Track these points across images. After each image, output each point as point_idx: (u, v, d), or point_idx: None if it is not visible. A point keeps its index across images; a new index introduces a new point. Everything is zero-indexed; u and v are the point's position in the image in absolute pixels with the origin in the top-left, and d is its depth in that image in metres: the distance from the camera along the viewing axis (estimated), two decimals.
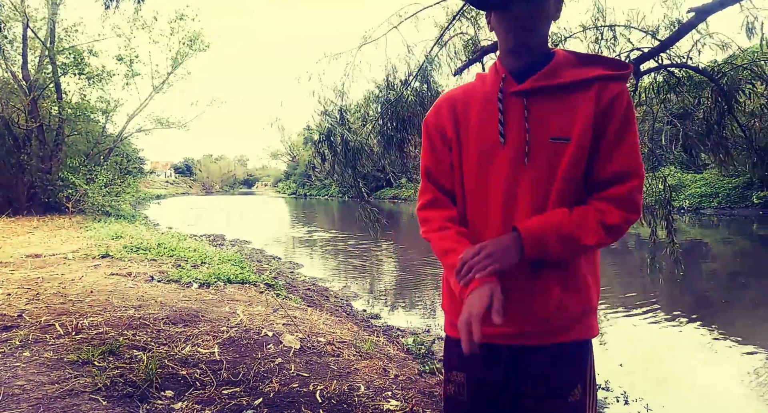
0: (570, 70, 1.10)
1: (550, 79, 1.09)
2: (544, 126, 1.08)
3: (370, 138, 5.19)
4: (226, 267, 6.81)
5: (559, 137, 1.07)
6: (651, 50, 3.64)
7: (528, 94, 1.10)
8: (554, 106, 1.09)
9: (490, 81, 1.16)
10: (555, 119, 1.08)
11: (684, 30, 3.52)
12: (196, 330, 3.61)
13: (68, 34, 14.83)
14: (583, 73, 1.09)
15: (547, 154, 1.08)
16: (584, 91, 1.08)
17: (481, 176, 1.14)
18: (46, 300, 4.21)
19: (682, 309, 6.48)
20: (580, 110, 1.07)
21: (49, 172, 14.54)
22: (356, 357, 3.40)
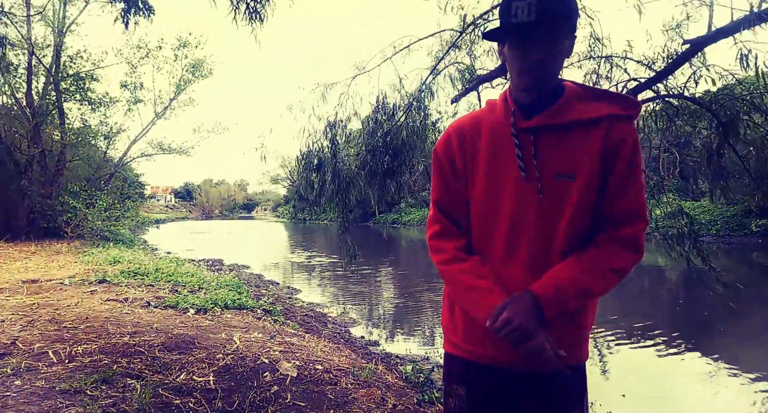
0: (579, 106, 1.11)
1: (558, 116, 1.10)
2: (550, 163, 1.10)
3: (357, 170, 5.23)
4: (224, 292, 6.76)
5: (563, 174, 1.09)
6: (647, 80, 3.72)
7: (536, 131, 1.11)
8: (561, 144, 1.10)
9: (500, 113, 1.18)
10: (560, 157, 1.10)
11: (679, 61, 3.60)
12: (191, 357, 3.56)
13: (73, 60, 15.13)
14: (591, 111, 1.10)
15: (553, 191, 1.09)
16: (592, 128, 1.09)
17: (488, 208, 1.16)
18: (41, 327, 4.16)
19: (683, 337, 6.40)
20: (587, 149, 1.08)
21: (50, 197, 14.57)
22: (354, 386, 3.34)
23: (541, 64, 1.06)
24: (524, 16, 1.02)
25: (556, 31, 1.05)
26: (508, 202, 1.13)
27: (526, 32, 1.03)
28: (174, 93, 17.92)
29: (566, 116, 1.10)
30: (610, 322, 7.15)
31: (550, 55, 1.06)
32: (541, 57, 1.05)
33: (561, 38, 1.07)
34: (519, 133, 1.12)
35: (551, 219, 1.10)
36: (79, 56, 15.01)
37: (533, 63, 1.06)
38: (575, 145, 1.09)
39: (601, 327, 6.90)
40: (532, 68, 1.07)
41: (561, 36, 1.06)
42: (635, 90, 3.76)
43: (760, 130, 4.56)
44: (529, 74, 1.08)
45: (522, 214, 1.12)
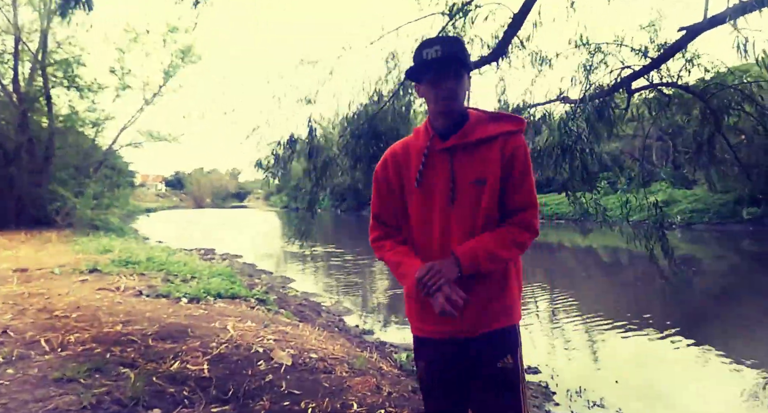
0: (480, 127, 1.45)
1: (466, 137, 1.43)
2: (465, 173, 1.43)
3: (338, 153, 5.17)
4: (217, 281, 6.72)
5: (476, 180, 1.42)
6: (642, 68, 3.70)
7: (451, 150, 1.44)
8: (471, 157, 1.44)
9: (422, 138, 1.50)
10: (472, 167, 1.43)
11: (674, 48, 3.58)
12: (185, 346, 3.54)
13: (60, 46, 14.83)
14: (490, 130, 1.44)
15: (470, 194, 1.43)
16: (492, 144, 1.43)
17: (423, 213, 1.49)
18: (32, 316, 4.12)
19: (675, 324, 6.49)
20: (490, 159, 1.42)
21: (39, 185, 14.38)
22: (349, 374, 3.35)
23: (450, 91, 1.40)
24: (434, 55, 1.37)
25: (458, 65, 1.39)
26: (437, 208, 1.45)
27: (437, 66, 1.38)
28: (163, 79, 17.65)
29: (473, 136, 1.43)
30: (603, 311, 7.23)
31: (457, 84, 1.40)
32: (451, 85, 1.39)
33: (462, 72, 1.41)
34: (437, 153, 1.45)
35: (469, 216, 1.43)
36: (67, 41, 14.73)
37: (445, 90, 1.39)
38: (482, 157, 1.43)
39: (594, 314, 6.97)
40: (445, 95, 1.40)
41: (462, 70, 1.41)
42: (629, 78, 3.74)
43: (751, 120, 4.58)
44: (444, 100, 1.40)
45: (446, 216, 1.45)
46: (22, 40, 13.93)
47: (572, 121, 3.65)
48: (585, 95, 3.59)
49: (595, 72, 3.86)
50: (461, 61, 1.41)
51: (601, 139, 4.57)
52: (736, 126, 4.63)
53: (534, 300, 8.24)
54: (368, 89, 5.29)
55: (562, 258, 14.19)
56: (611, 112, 3.79)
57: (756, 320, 6.84)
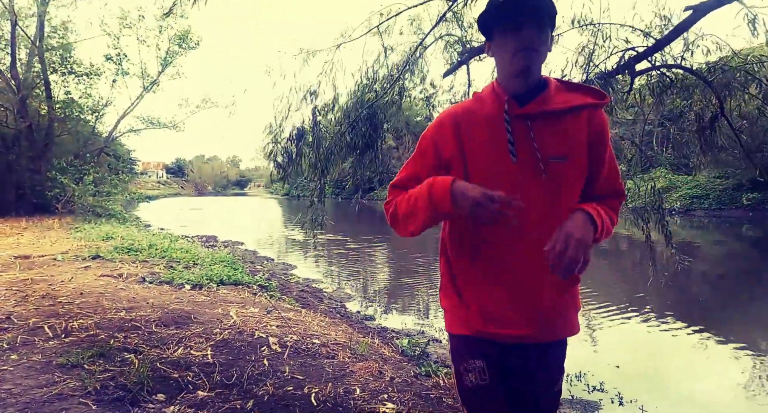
0: (563, 95, 1.23)
1: (549, 104, 1.20)
2: (546, 147, 1.19)
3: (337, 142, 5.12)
4: (219, 268, 6.75)
5: (557, 157, 1.19)
6: (646, 49, 3.64)
7: (530, 117, 1.20)
8: (551, 129, 1.20)
9: (491, 103, 1.24)
10: (553, 141, 1.20)
11: (681, 28, 3.52)
12: (188, 332, 3.56)
13: (57, 31, 14.64)
14: (575, 100, 1.22)
15: (550, 172, 1.19)
16: (576, 115, 1.21)
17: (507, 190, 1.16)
18: (35, 302, 4.13)
19: (674, 310, 6.52)
20: (575, 133, 1.21)
21: (38, 172, 14.34)
22: (351, 359, 3.37)
23: (532, 43, 1.15)
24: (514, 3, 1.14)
25: (543, 14, 1.16)
26: (513, 186, 1.17)
27: (517, 12, 1.14)
28: (161, 65, 17.48)
29: (555, 104, 1.20)
30: (602, 296, 7.25)
31: (539, 35, 1.15)
32: (532, 35, 1.14)
33: (546, 22, 1.17)
34: (513, 120, 1.20)
35: (553, 199, 1.20)
36: (64, 26, 14.55)
37: (526, 41, 1.14)
38: (565, 130, 1.20)
39: (594, 299, 7.00)
40: (524, 45, 1.15)
41: (546, 20, 1.17)
42: (633, 60, 3.68)
43: (755, 102, 4.53)
44: (523, 55, 1.16)
45: (526, 193, 1.16)
46: (18, 25, 13.76)
47: None
48: (587, 77, 3.54)
49: (597, 54, 3.80)
50: (549, 8, 1.16)
51: None
52: (739, 109, 4.58)
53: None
54: (366, 78, 5.23)
55: None
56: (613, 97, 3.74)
57: (755, 306, 6.86)
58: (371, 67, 5.11)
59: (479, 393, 1.23)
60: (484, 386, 1.22)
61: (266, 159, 5.78)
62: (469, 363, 1.25)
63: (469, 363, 1.25)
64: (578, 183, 1.23)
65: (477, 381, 1.23)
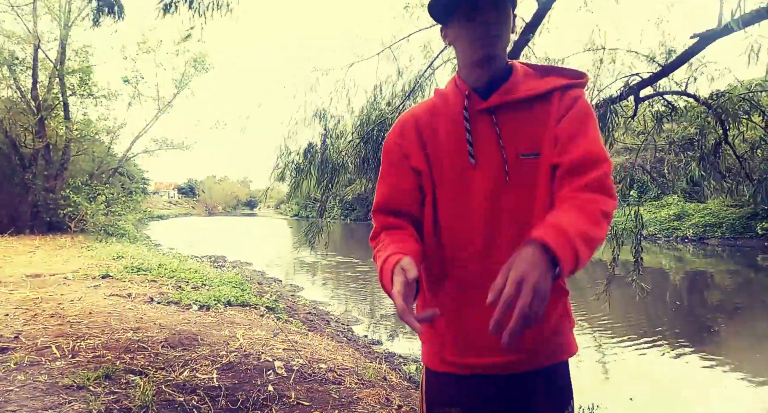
0: (531, 81, 1.07)
1: (513, 93, 1.04)
2: (514, 142, 1.03)
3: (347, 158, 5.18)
4: (227, 289, 6.74)
5: (528, 153, 1.02)
6: (652, 76, 3.67)
7: (495, 110, 1.05)
8: (520, 121, 1.04)
9: (453, 99, 1.09)
10: (522, 135, 1.03)
11: (686, 56, 3.55)
12: (194, 354, 3.53)
13: (78, 54, 15.11)
14: (543, 85, 1.05)
15: (522, 171, 1.02)
16: (545, 102, 1.04)
17: (457, 199, 1.06)
18: (44, 322, 4.14)
19: (688, 340, 6.36)
20: (546, 122, 1.03)
21: (53, 191, 14.59)
22: (358, 386, 3.31)
23: (489, 29, 1.01)
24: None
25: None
26: (479, 190, 1.04)
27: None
28: (176, 88, 17.91)
29: (520, 92, 1.04)
30: (611, 325, 7.10)
31: (499, 20, 1.01)
32: (490, 20, 1.00)
33: (505, 6, 1.03)
34: (476, 115, 1.05)
35: (524, 202, 1.02)
36: (84, 50, 15.01)
37: (482, 27, 1.01)
38: (533, 120, 1.03)
39: (606, 328, 6.86)
40: (484, 36, 1.01)
41: (504, 3, 1.03)
42: (638, 85, 3.71)
43: (758, 130, 4.54)
44: (482, 42, 1.02)
45: (495, 202, 1.03)
46: (41, 48, 14.24)
47: None
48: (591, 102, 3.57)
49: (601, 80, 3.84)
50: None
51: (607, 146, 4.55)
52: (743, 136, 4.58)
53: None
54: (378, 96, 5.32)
55: None
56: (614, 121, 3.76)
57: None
58: (381, 86, 5.21)
59: None
60: None
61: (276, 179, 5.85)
62: (443, 408, 1.10)
63: (443, 408, 1.10)
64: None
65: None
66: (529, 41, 3.83)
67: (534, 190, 1.02)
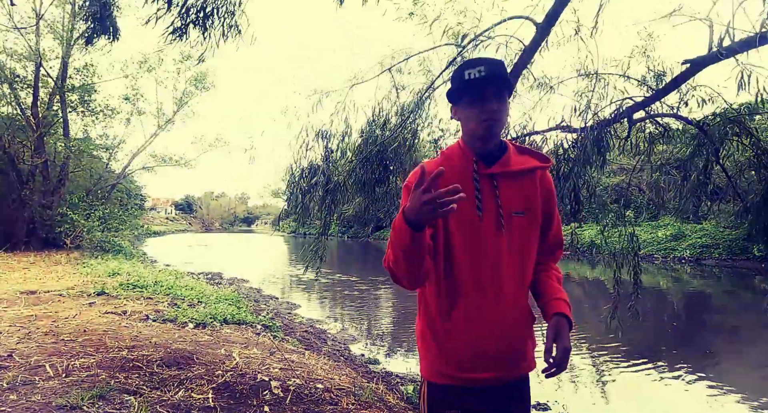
0: (518, 158, 1.41)
1: (509, 165, 1.38)
2: (509, 202, 1.36)
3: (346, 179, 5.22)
4: (223, 306, 6.70)
5: (518, 212, 1.37)
6: (645, 100, 3.74)
7: (495, 177, 1.37)
8: (513, 187, 1.38)
9: (458, 160, 1.40)
10: (513, 197, 1.37)
11: (678, 81, 3.63)
12: (190, 373, 3.50)
13: (79, 72, 15.26)
14: (528, 162, 1.41)
15: (513, 225, 1.36)
16: (530, 176, 1.40)
17: (470, 243, 1.34)
18: (38, 340, 4.10)
19: (688, 361, 6.32)
20: (532, 191, 1.39)
21: (50, 207, 14.56)
22: (355, 406, 3.28)
23: (494, 113, 1.31)
24: (478, 75, 1.30)
25: (502, 88, 1.34)
26: (484, 237, 1.34)
27: (481, 86, 1.31)
28: (176, 106, 18.04)
29: (514, 165, 1.38)
30: (612, 344, 7.07)
31: (500, 107, 1.33)
32: (494, 107, 1.31)
33: (505, 95, 1.34)
34: (481, 178, 1.36)
35: (516, 250, 1.35)
36: (86, 69, 15.16)
37: (488, 112, 1.31)
38: (523, 188, 1.38)
39: (603, 348, 6.82)
40: (487, 117, 1.32)
41: (505, 93, 1.34)
42: (630, 109, 3.78)
43: (748, 152, 4.61)
44: (487, 124, 1.32)
45: (497, 246, 1.34)
46: (43, 66, 14.38)
47: (572, 149, 3.68)
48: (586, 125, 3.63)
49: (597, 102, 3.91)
50: (506, 82, 1.35)
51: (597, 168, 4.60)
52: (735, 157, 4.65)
53: (541, 334, 8.09)
54: (377, 117, 5.38)
55: (571, 290, 13.99)
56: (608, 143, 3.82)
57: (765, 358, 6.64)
58: (381, 106, 5.28)
59: None
60: None
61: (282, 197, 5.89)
62: (443, 412, 1.37)
63: (443, 412, 1.37)
64: (536, 234, 1.39)
65: None
66: (527, 64, 3.91)
67: (521, 239, 1.36)
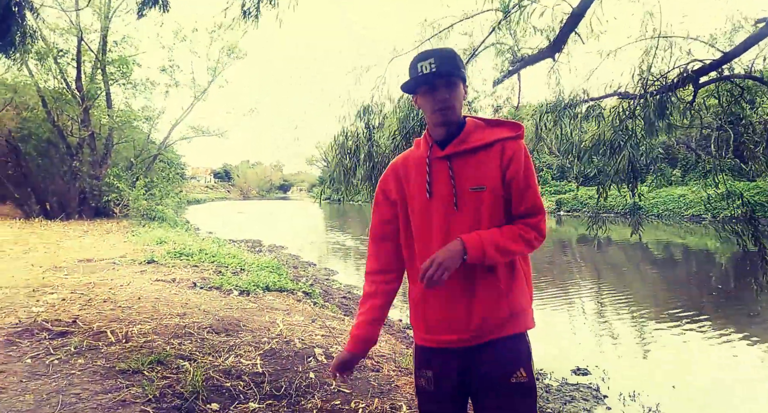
0: (478, 134, 1.46)
1: (463, 144, 1.45)
2: (464, 180, 1.43)
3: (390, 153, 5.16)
4: (265, 274, 6.93)
5: (476, 187, 1.42)
6: (714, 62, 3.46)
7: (450, 157, 1.45)
8: (469, 164, 1.44)
9: (422, 148, 1.51)
10: (471, 174, 1.43)
11: (751, 41, 3.34)
12: (238, 340, 3.68)
13: (118, 45, 15.56)
14: (487, 137, 1.45)
15: (471, 201, 1.42)
16: (490, 150, 1.44)
17: (424, 222, 1.47)
18: (98, 306, 4.39)
19: (734, 325, 6.13)
20: (490, 165, 1.43)
21: (98, 178, 15.24)
22: (396, 373, 3.38)
23: (445, 102, 1.41)
24: (428, 69, 1.40)
25: (452, 78, 1.42)
26: (437, 216, 1.44)
27: (430, 80, 1.41)
28: (211, 75, 18.20)
29: (470, 143, 1.44)
30: (656, 309, 6.93)
31: (451, 94, 1.42)
32: (445, 96, 1.41)
33: (456, 82, 1.43)
34: (437, 161, 1.46)
35: (470, 224, 1.41)
36: (124, 40, 15.42)
37: (440, 102, 1.41)
38: (480, 164, 1.43)
39: (647, 312, 6.70)
40: (440, 106, 1.42)
41: (455, 80, 1.42)
42: (698, 72, 3.51)
43: None
44: (440, 111, 1.42)
45: (446, 224, 1.43)
46: (84, 40, 14.71)
47: (631, 119, 3.48)
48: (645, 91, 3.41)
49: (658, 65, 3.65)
50: (454, 73, 1.43)
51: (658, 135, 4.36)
52: None
53: (580, 297, 8.01)
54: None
55: (611, 253, 13.69)
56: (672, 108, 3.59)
57: None
58: None
59: (427, 396, 1.53)
60: (431, 391, 1.51)
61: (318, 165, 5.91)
62: (421, 371, 1.53)
63: (421, 371, 1.53)
64: (499, 207, 1.43)
65: (425, 386, 1.52)
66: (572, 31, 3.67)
67: (478, 214, 1.42)
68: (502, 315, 1.44)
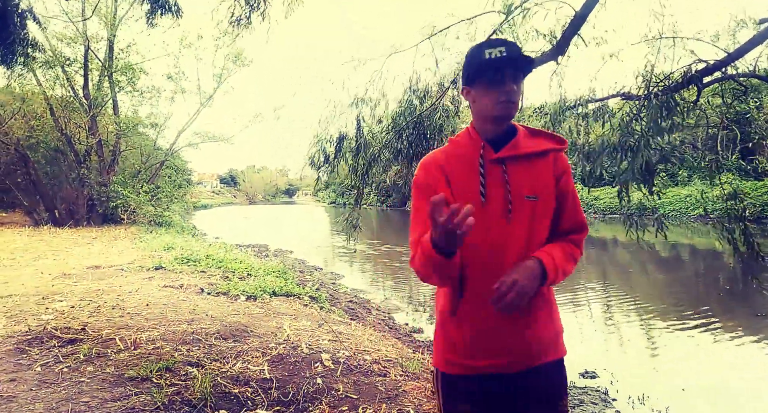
0: (530, 140, 1.38)
1: (519, 148, 1.35)
2: (519, 187, 1.32)
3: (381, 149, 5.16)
4: (271, 279, 6.96)
5: (530, 196, 1.33)
6: (717, 62, 3.46)
7: (504, 161, 1.34)
8: (523, 171, 1.34)
9: (467, 147, 1.38)
10: (526, 181, 1.33)
11: (756, 41, 3.34)
12: (245, 345, 3.69)
13: (123, 52, 15.72)
14: (540, 145, 1.37)
15: (525, 209, 1.32)
16: (543, 158, 1.36)
17: (475, 229, 1.20)
18: (107, 313, 4.42)
19: (744, 326, 6.08)
20: (544, 174, 1.35)
21: (106, 185, 15.38)
22: (403, 378, 3.38)
23: (511, 94, 1.29)
24: (498, 54, 1.28)
25: (520, 70, 1.32)
26: (492, 223, 1.31)
27: (501, 66, 1.29)
28: (216, 82, 18.34)
29: (524, 148, 1.35)
30: (664, 310, 6.88)
31: (518, 91, 1.32)
32: (513, 88, 1.29)
33: (521, 78, 1.33)
34: (489, 163, 1.34)
35: (528, 236, 1.31)
36: (129, 48, 15.59)
37: (506, 93, 1.29)
38: (533, 171, 1.35)
39: (654, 314, 6.66)
40: (506, 98, 1.29)
41: (521, 76, 1.33)
42: (702, 72, 3.51)
43: None
44: (503, 106, 1.30)
45: (498, 234, 1.30)
46: (90, 48, 14.88)
47: (636, 120, 3.48)
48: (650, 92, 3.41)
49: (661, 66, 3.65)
50: (527, 64, 1.33)
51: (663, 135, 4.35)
52: None
53: (587, 299, 7.97)
54: (415, 87, 5.27)
55: (618, 254, 13.61)
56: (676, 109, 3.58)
57: None
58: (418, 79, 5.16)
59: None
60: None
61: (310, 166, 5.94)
62: (456, 406, 1.36)
63: (456, 406, 1.36)
64: (548, 219, 1.35)
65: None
66: (575, 34, 3.68)
67: (531, 224, 1.32)
68: (550, 335, 1.36)
